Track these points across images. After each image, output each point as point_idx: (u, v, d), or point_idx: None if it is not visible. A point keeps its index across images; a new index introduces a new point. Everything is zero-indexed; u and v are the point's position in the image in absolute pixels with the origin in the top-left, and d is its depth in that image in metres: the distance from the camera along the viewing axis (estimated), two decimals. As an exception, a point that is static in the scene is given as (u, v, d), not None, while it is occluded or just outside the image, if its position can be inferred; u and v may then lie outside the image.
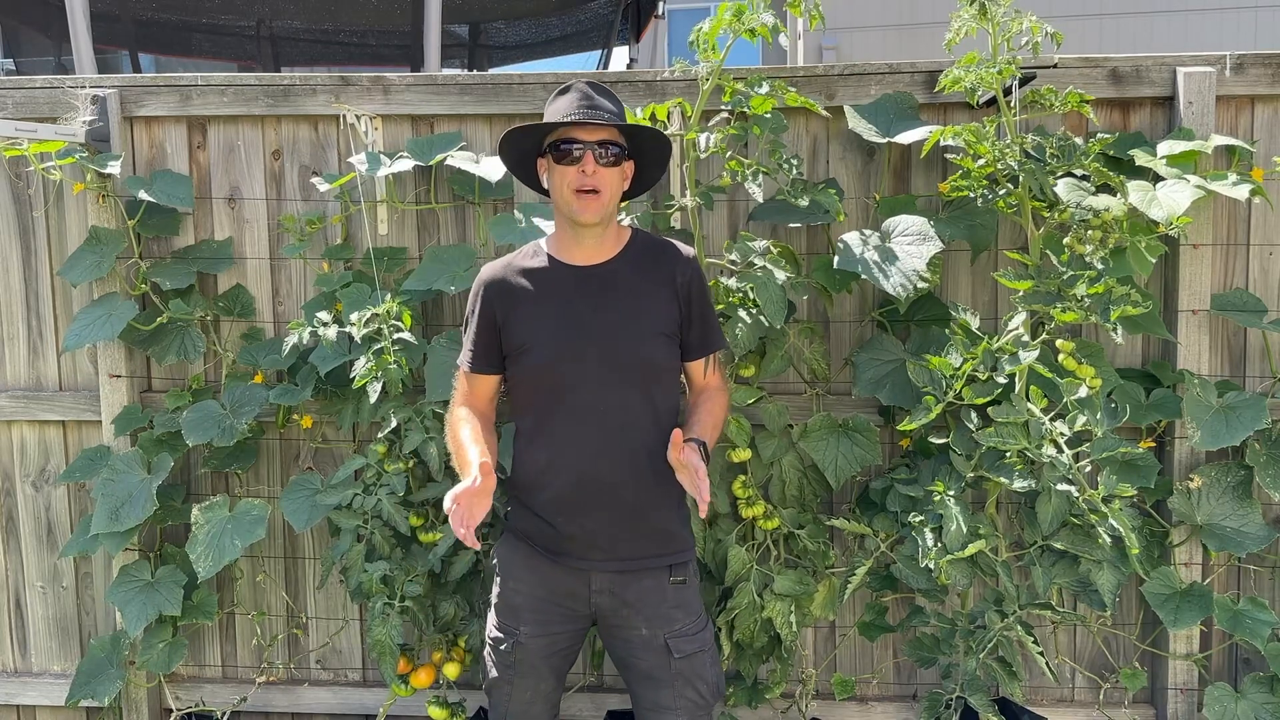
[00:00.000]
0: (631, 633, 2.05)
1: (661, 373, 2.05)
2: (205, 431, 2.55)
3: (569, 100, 2.01)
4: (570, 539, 2.02)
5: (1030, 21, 2.21)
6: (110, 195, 2.66)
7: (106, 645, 2.69)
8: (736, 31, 2.24)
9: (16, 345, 2.84)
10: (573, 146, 1.96)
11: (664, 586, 2.02)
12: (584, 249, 2.04)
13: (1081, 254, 2.22)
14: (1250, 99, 2.54)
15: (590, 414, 1.99)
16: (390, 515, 2.47)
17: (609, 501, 2.00)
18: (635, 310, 2.02)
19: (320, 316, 2.48)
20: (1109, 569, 2.36)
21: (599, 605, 2.05)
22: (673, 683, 2.03)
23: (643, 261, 2.06)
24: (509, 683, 2.10)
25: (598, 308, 2.01)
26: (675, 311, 2.05)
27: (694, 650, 2.04)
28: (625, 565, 2.02)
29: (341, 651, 2.87)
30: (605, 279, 2.03)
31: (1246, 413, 2.37)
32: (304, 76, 2.67)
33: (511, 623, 2.09)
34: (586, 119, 1.95)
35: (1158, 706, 2.63)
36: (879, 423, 2.58)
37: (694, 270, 2.08)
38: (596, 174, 1.96)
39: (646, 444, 2.01)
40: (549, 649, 2.08)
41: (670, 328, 2.05)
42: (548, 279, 2.04)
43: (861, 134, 2.46)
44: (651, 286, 2.04)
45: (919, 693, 2.74)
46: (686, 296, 2.06)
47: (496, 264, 2.11)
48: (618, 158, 1.99)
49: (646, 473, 2.01)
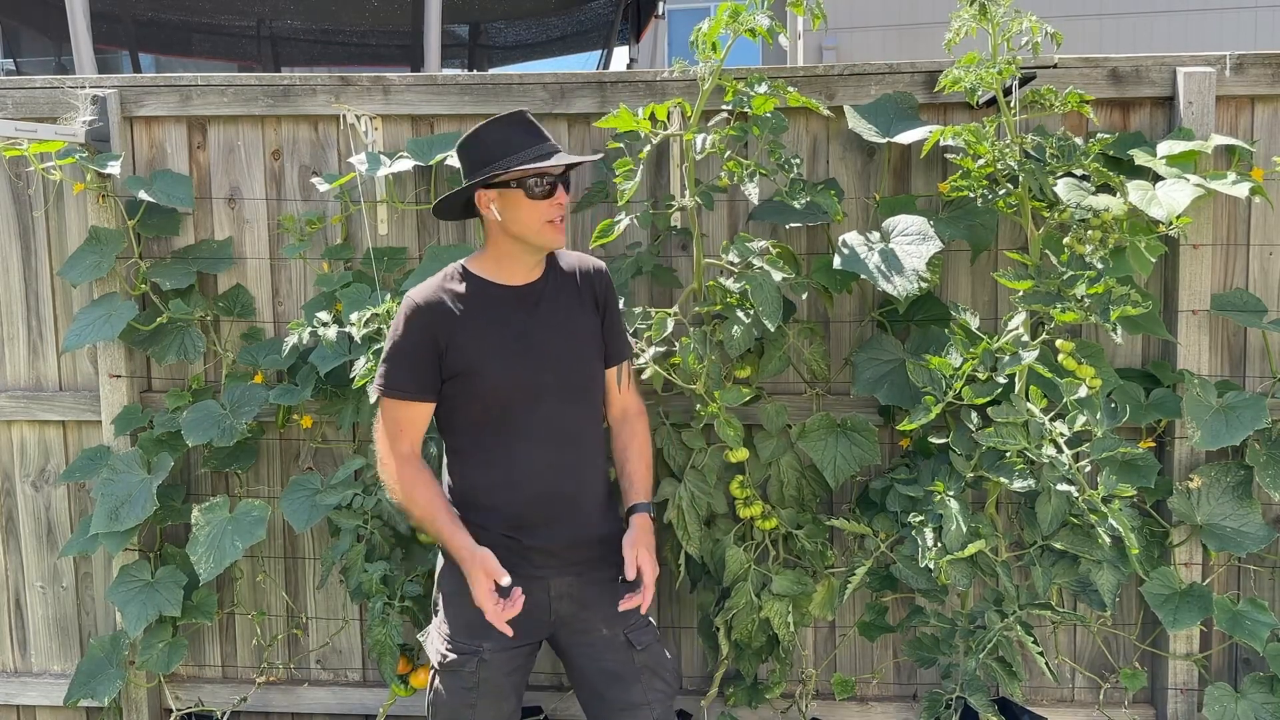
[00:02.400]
0: (594, 635, 2.08)
1: (598, 380, 2.14)
2: (205, 431, 2.55)
3: (523, 133, 1.99)
4: (531, 550, 2.04)
5: (1030, 21, 2.21)
6: (110, 195, 2.66)
7: (106, 645, 2.69)
8: (736, 31, 2.24)
9: (16, 345, 2.84)
10: (548, 178, 2.00)
11: (612, 584, 2.08)
12: (523, 271, 2.07)
13: (1081, 254, 2.22)
14: (1250, 99, 2.54)
15: (544, 429, 2.02)
16: (390, 515, 2.47)
17: (566, 512, 2.05)
18: (572, 326, 2.08)
19: (320, 316, 2.48)
20: (1109, 569, 2.36)
21: (560, 612, 2.06)
22: (639, 676, 2.07)
23: (566, 278, 2.12)
24: (471, 707, 2.02)
25: (541, 325, 2.05)
26: (597, 324, 2.12)
27: (651, 640, 2.10)
28: (581, 569, 2.07)
29: (341, 651, 2.87)
30: (542, 297, 2.07)
31: (1246, 413, 2.37)
32: (304, 76, 2.67)
33: (470, 641, 2.01)
34: (562, 159, 1.99)
35: (1158, 706, 2.63)
36: (878, 423, 2.58)
37: (606, 280, 2.16)
38: (564, 203, 2.03)
39: (593, 450, 2.11)
40: (510, 664, 2.05)
41: (598, 338, 2.12)
42: (487, 300, 2.03)
43: (861, 134, 2.46)
44: (577, 302, 2.11)
45: (919, 693, 2.74)
46: (604, 306, 2.14)
47: (426, 287, 2.04)
48: (568, 182, 2.07)
49: (596, 478, 2.12)
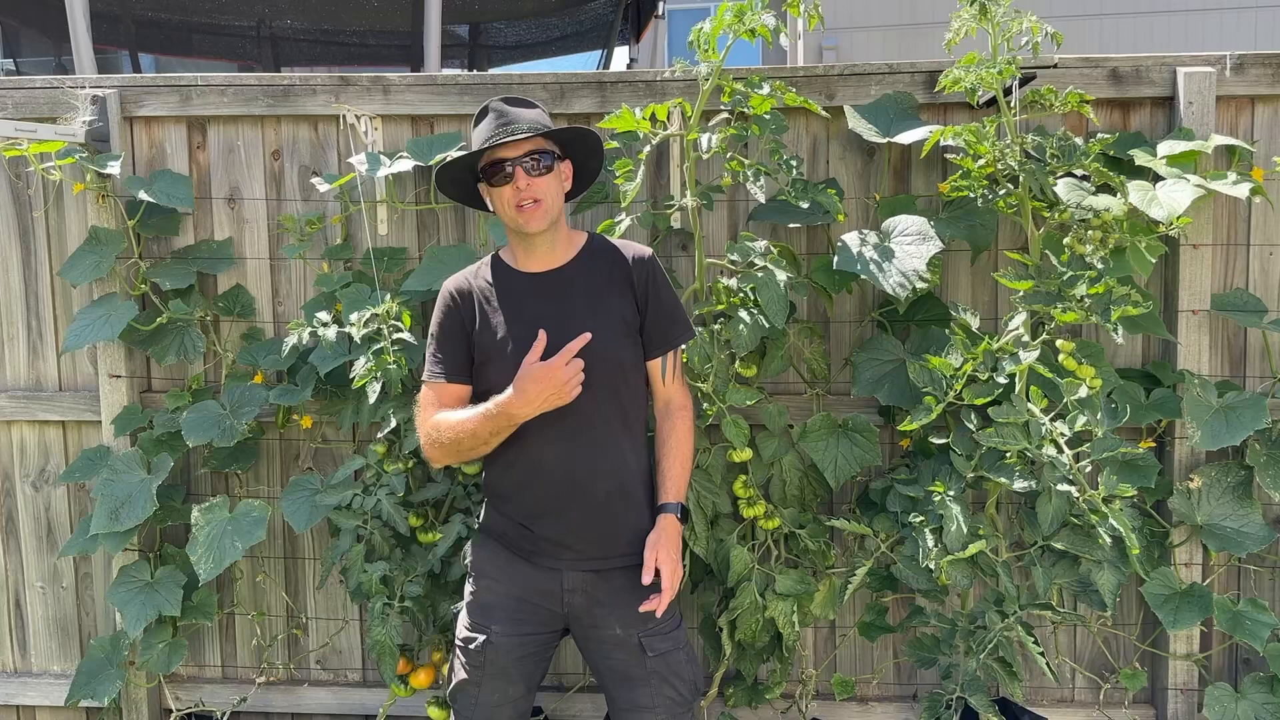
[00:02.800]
0: (606, 632, 2.06)
1: (627, 371, 2.06)
2: (205, 432, 2.55)
3: (487, 124, 2.04)
4: (544, 539, 2.04)
5: (1030, 21, 2.21)
6: (110, 195, 2.66)
7: (106, 645, 2.69)
8: (736, 32, 2.24)
9: (16, 345, 2.84)
10: (504, 164, 2.00)
11: (636, 585, 2.02)
12: (537, 256, 2.07)
13: (1081, 254, 2.22)
14: (1250, 99, 2.54)
15: (558, 417, 1.98)
16: (390, 515, 2.47)
17: (580, 505, 2.02)
18: (594, 309, 2.04)
19: (320, 316, 2.48)
20: (1109, 569, 2.36)
21: (572, 605, 2.05)
22: (649, 680, 2.03)
23: (597, 264, 2.09)
24: (477, 684, 2.08)
25: (560, 310, 2.03)
26: (632, 309, 2.07)
27: (668, 649, 2.05)
28: (597, 565, 2.04)
29: (341, 652, 2.87)
30: (564, 283, 2.06)
31: (1246, 413, 2.37)
32: (304, 77, 2.67)
33: (483, 621, 2.08)
34: (504, 138, 1.98)
35: (1158, 707, 2.63)
36: (879, 423, 2.58)
37: (649, 267, 2.10)
38: (531, 185, 1.99)
39: (616, 446, 2.04)
40: (519, 650, 2.07)
41: (630, 326, 2.07)
42: (510, 287, 2.07)
43: (861, 134, 2.46)
44: (607, 286, 2.06)
45: (919, 693, 2.74)
46: (643, 293, 2.08)
47: (459, 276, 2.14)
48: (550, 164, 2.02)
49: (616, 475, 2.04)
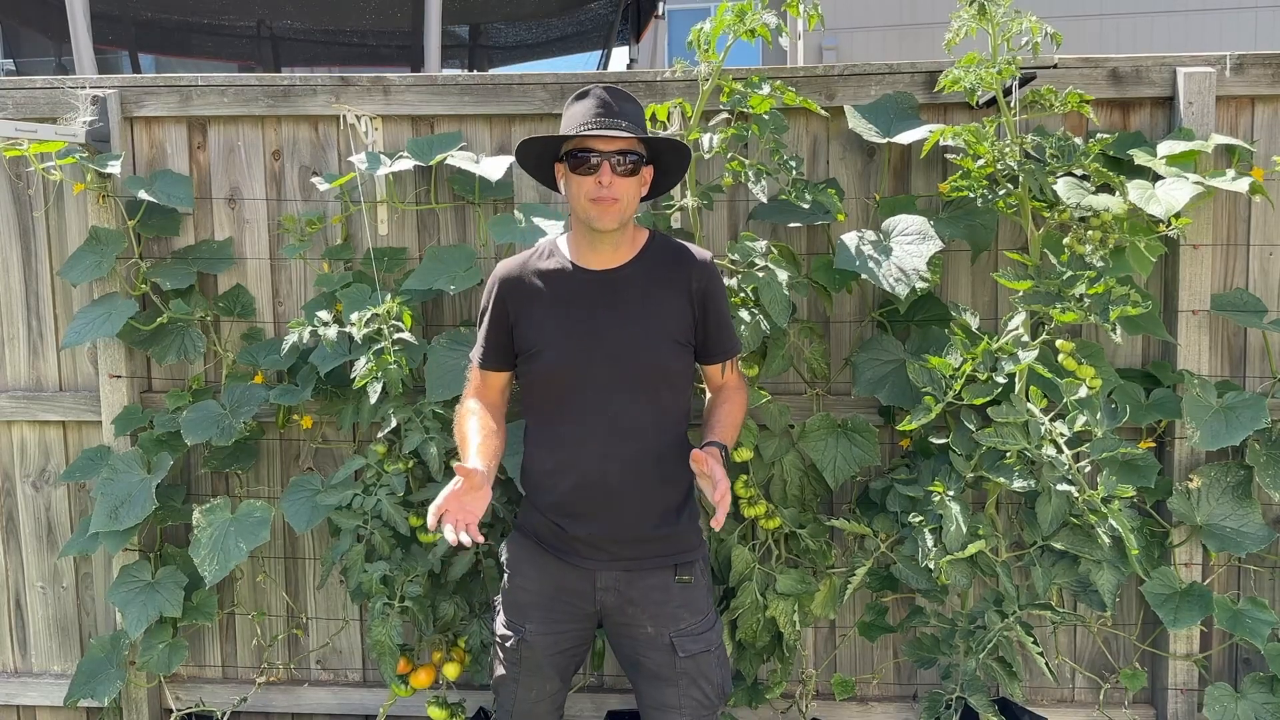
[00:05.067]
0: (637, 631, 2.04)
1: (671, 376, 2.03)
2: (205, 431, 2.55)
3: (586, 107, 1.96)
4: (576, 539, 2.02)
5: (1030, 21, 2.20)
6: (110, 195, 2.66)
7: (106, 645, 2.69)
8: (736, 32, 2.25)
9: (16, 345, 2.84)
10: (590, 156, 1.92)
11: (669, 585, 2.02)
12: (600, 254, 2.02)
13: (1081, 254, 2.22)
14: (1250, 99, 2.54)
15: (596, 418, 1.97)
16: (390, 515, 2.47)
17: (613, 505, 1.99)
18: (646, 314, 2.00)
19: (320, 316, 2.48)
20: (1109, 569, 2.36)
21: (604, 603, 2.04)
22: (678, 681, 2.02)
23: (657, 266, 2.04)
24: (515, 680, 2.10)
25: (609, 313, 1.99)
26: (689, 316, 2.03)
27: (700, 650, 2.03)
28: (629, 565, 2.02)
29: (341, 652, 2.87)
30: (619, 284, 2.01)
31: (1246, 413, 2.37)
32: (304, 77, 2.67)
33: (518, 620, 2.09)
34: (603, 130, 1.91)
35: (1158, 707, 2.63)
36: (878, 423, 2.58)
37: (709, 274, 2.05)
38: (614, 183, 1.92)
39: (652, 447, 2.00)
40: (554, 647, 2.08)
41: (683, 333, 2.03)
42: (562, 282, 2.03)
43: (861, 134, 2.46)
44: (664, 291, 2.02)
45: (919, 693, 2.74)
46: (701, 301, 2.03)
47: (512, 262, 2.08)
48: (636, 166, 1.95)
49: (651, 476, 2.01)
